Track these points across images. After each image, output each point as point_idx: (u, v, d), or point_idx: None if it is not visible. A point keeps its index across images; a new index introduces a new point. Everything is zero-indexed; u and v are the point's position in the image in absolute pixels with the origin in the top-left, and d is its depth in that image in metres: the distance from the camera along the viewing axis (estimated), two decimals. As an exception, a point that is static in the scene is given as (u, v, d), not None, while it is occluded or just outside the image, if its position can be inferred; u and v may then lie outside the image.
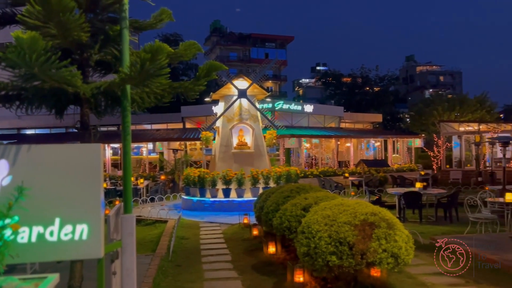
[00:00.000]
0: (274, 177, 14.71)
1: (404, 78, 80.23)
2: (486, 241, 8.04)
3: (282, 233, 6.57)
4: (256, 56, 57.01)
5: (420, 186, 12.89)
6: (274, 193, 8.04)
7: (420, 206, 11.61)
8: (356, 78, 52.45)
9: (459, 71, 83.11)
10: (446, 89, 71.93)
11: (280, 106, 28.29)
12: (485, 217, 9.40)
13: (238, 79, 15.95)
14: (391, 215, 5.22)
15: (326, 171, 24.05)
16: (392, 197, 13.98)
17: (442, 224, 11.02)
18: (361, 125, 36.54)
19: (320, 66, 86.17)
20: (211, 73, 4.21)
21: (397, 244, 4.82)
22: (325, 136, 27.04)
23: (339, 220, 5.06)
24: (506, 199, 9.94)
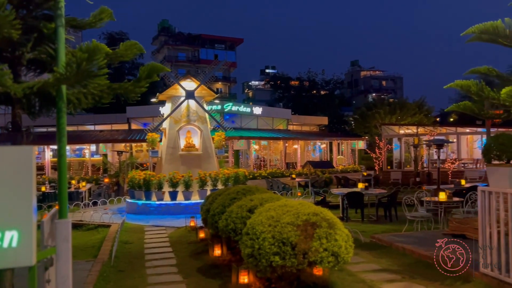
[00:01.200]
0: (222, 179, 14.68)
1: (349, 82, 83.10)
2: (421, 238, 8.51)
3: (228, 235, 6.58)
4: (206, 57, 56.67)
5: (362, 186, 13.39)
6: (221, 195, 8.03)
7: (362, 206, 12.07)
8: (303, 81, 53.71)
9: (400, 76, 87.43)
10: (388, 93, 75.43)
11: (229, 108, 28.32)
12: (421, 215, 9.93)
13: (186, 80, 15.78)
14: (332, 215, 5.38)
15: (274, 172, 24.37)
16: (336, 197, 14.42)
17: (382, 222, 11.49)
18: (308, 127, 37.42)
19: (269, 69, 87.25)
20: (153, 74, 4.13)
21: (338, 243, 4.98)
22: (274, 138, 27.40)
23: (282, 220, 5.15)
24: (439, 198, 10.60)
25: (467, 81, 5.03)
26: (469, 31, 5.03)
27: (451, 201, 10.43)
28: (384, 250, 7.88)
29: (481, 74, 5.38)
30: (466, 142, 27.09)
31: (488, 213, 5.63)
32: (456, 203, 10.56)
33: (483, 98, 4.96)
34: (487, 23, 4.94)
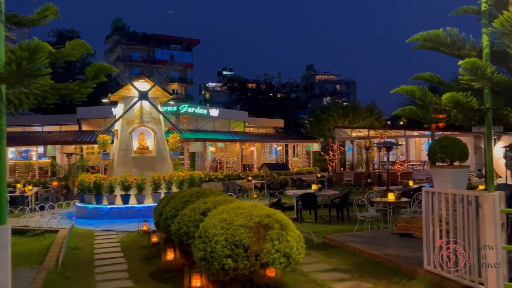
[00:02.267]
0: (177, 181, 14.47)
1: (305, 85, 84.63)
2: (371, 237, 8.80)
3: (180, 238, 6.49)
4: (161, 58, 55.71)
5: (315, 188, 13.66)
6: (174, 198, 7.91)
7: (316, 207, 12.31)
8: (260, 84, 54.11)
9: (353, 80, 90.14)
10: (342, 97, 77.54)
11: (185, 109, 27.98)
12: (371, 215, 10.26)
13: (139, 81, 15.42)
14: (285, 217, 5.45)
15: (230, 174, 24.32)
16: (291, 199, 14.61)
17: (335, 223, 11.78)
18: (265, 129, 37.69)
19: (227, 71, 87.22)
20: (100, 75, 3.99)
21: (289, 244, 5.05)
22: (230, 140, 27.37)
23: (235, 223, 5.15)
24: (388, 198, 11.01)
25: (411, 86, 5.26)
26: (413, 39, 5.26)
27: (399, 201, 10.86)
28: (335, 250, 8.07)
29: (425, 80, 5.65)
30: (415, 145, 28.35)
31: (431, 213, 5.91)
32: (403, 203, 11.01)
33: (426, 102, 5.21)
34: (430, 31, 5.19)
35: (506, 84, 4.69)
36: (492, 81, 4.62)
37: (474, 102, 4.57)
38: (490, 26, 4.76)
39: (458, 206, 5.40)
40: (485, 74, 4.48)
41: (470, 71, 4.53)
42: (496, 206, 4.81)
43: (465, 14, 5.40)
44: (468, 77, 4.69)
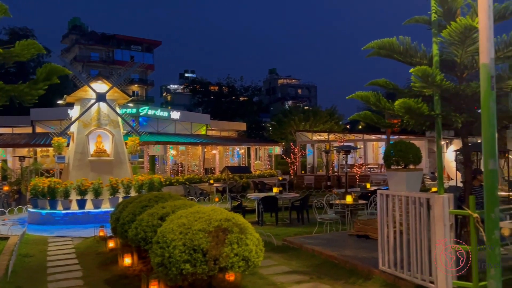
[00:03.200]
0: (136, 186, 14.16)
1: (268, 89, 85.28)
2: (330, 239, 8.97)
3: (138, 244, 6.35)
4: (121, 58, 54.40)
5: (277, 191, 13.79)
6: (132, 203, 7.74)
7: (277, 210, 12.42)
8: (223, 87, 54.01)
9: (314, 85, 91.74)
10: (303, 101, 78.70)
11: (145, 111, 27.47)
12: (329, 217, 10.47)
13: (97, 82, 14.99)
14: (244, 220, 5.46)
15: (192, 178, 24.08)
16: (252, 202, 14.67)
17: (295, 225, 11.91)
18: (227, 133, 37.65)
19: (189, 73, 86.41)
20: (52, 77, 3.85)
21: (248, 248, 5.06)
22: (192, 143, 27.11)
23: (194, 227, 5.10)
24: (346, 201, 11.29)
25: (366, 92, 5.43)
26: (369, 46, 5.43)
27: (356, 203, 11.16)
28: (295, 252, 8.17)
29: (380, 86, 5.84)
30: (372, 148, 29.21)
31: (385, 215, 6.11)
32: (361, 205, 11.32)
33: (381, 108, 5.39)
34: (384, 40, 5.38)
35: (454, 91, 4.93)
36: (441, 88, 4.85)
37: (424, 108, 4.78)
38: (439, 36, 5.00)
39: (410, 208, 5.60)
40: (435, 81, 4.69)
41: (421, 78, 4.74)
42: (445, 208, 5.04)
43: (417, 24, 5.63)
44: (419, 84, 4.89)
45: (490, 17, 3.98)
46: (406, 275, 5.71)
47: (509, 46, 4.80)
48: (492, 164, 4.07)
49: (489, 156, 4.06)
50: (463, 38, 4.57)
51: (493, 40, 4.69)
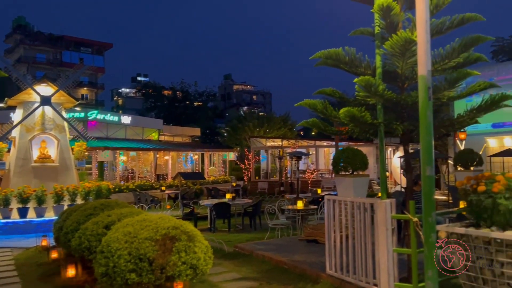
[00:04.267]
0: (82, 193, 13.61)
1: (223, 95, 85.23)
2: (280, 245, 9.06)
3: (82, 254, 6.11)
4: (69, 60, 52.31)
5: (229, 197, 13.75)
6: (76, 211, 7.44)
7: (229, 216, 12.38)
8: (176, 91, 53.31)
9: (269, 92, 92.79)
10: (258, 107, 79.34)
11: (94, 116, 26.56)
12: (281, 223, 10.59)
13: (42, 85, 14.31)
14: (193, 228, 5.40)
15: (143, 185, 23.51)
16: (205, 209, 14.54)
17: (248, 231, 11.93)
18: (181, 138, 37.16)
19: (141, 77, 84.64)
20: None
21: (196, 256, 5.01)
22: (143, 149, 26.50)
23: (140, 236, 4.98)
24: (297, 206, 11.46)
25: (314, 100, 5.56)
26: (316, 56, 5.57)
27: (307, 208, 11.36)
28: (246, 259, 8.17)
29: (327, 95, 6.00)
30: (324, 154, 29.92)
31: (332, 219, 6.26)
32: (312, 210, 11.54)
33: (327, 116, 5.54)
34: (331, 50, 5.54)
35: (395, 101, 5.16)
36: (383, 98, 5.06)
37: (367, 116, 4.97)
38: (382, 48, 5.22)
39: (355, 213, 5.78)
40: (377, 91, 4.89)
41: (365, 88, 4.92)
42: (387, 213, 5.25)
43: (362, 35, 5.85)
44: (363, 94, 5.08)
45: (427, 32, 4.21)
46: (352, 279, 5.87)
47: (445, 59, 5.10)
48: (429, 170, 4.29)
49: (427, 163, 4.27)
50: (404, 50, 4.80)
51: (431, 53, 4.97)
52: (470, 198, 4.57)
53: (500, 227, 4.28)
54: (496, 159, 20.30)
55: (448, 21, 5.19)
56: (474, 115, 5.06)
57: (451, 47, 4.98)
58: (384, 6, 4.77)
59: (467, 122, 5.23)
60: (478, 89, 5.17)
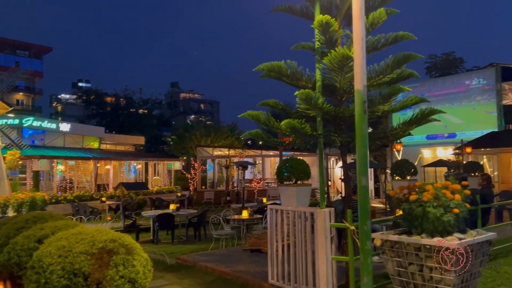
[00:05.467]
0: (15, 205, 12.78)
1: (169, 103, 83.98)
2: (224, 255, 9.01)
3: (11, 270, 5.71)
4: (4, 64, 49.10)
5: (173, 207, 13.51)
6: (6, 224, 6.95)
7: (173, 227, 12.16)
8: (120, 98, 51.79)
9: (217, 101, 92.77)
10: (206, 116, 78.98)
11: (30, 123, 25.11)
12: (225, 233, 10.55)
13: (-30, 89, 13.37)
14: (132, 240, 5.24)
15: (82, 195, 22.47)
16: (148, 220, 14.17)
17: (192, 242, 11.76)
18: (123, 147, 36.06)
19: (83, 83, 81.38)
20: None
21: (135, 269, 4.85)
22: (83, 158, 25.40)
23: (75, 250, 4.75)
24: (242, 216, 11.49)
25: (257, 112, 5.65)
26: (259, 68, 5.67)
27: (252, 218, 11.41)
28: (188, 270, 8.04)
29: (270, 106, 6.12)
30: (270, 163, 30.27)
31: (275, 229, 6.34)
32: (256, 220, 11.60)
33: (270, 127, 5.64)
34: (273, 63, 5.66)
35: (334, 113, 5.36)
36: (323, 110, 5.24)
37: (307, 128, 5.12)
38: (322, 63, 5.42)
39: (297, 222, 5.90)
40: (317, 104, 5.06)
41: (305, 101, 5.07)
42: (326, 221, 5.40)
43: (303, 50, 6.04)
44: (304, 106, 5.23)
45: (363, 48, 4.43)
46: (293, 287, 5.96)
47: (380, 75, 5.39)
48: (364, 180, 4.48)
49: (362, 173, 4.47)
50: (341, 65, 5.02)
51: (367, 69, 5.23)
52: (403, 207, 4.84)
53: (429, 234, 4.56)
54: (429, 169, 21.60)
55: (383, 38, 5.49)
56: (406, 128, 5.37)
57: (385, 64, 5.27)
58: (323, 23, 4.97)
59: (400, 135, 5.55)
60: (410, 104, 5.51)
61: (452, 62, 38.15)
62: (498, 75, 21.41)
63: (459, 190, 4.63)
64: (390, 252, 4.71)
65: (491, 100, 21.63)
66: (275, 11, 5.74)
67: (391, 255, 4.69)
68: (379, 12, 5.06)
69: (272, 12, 5.76)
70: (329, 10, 5.61)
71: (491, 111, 21.58)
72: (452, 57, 38.50)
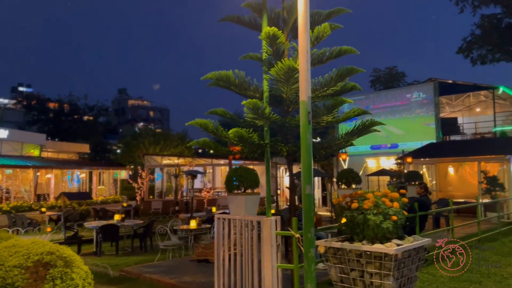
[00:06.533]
0: None
1: (116, 109, 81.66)
2: (171, 266, 8.84)
3: None
4: None
5: (118, 218, 13.09)
6: None
7: (117, 238, 11.76)
8: (64, 104, 49.56)
9: (167, 108, 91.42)
10: (155, 124, 77.46)
11: (-39, 128, 23.39)
12: (172, 244, 10.35)
13: None
14: (71, 252, 5.00)
15: (20, 206, 21.16)
16: (91, 231, 13.61)
17: (137, 254, 11.44)
18: (66, 155, 34.46)
19: (24, 87, 77.18)
20: None
21: (74, 282, 4.64)
22: (22, 166, 23.97)
23: (8, 264, 4.47)
24: (190, 226, 11.33)
25: (205, 120, 5.63)
26: (207, 77, 5.67)
27: (200, 228, 11.29)
28: (132, 283, 7.80)
29: (219, 115, 6.12)
30: (221, 172, 30.14)
31: (222, 238, 6.31)
32: (204, 229, 11.48)
33: (218, 136, 5.64)
34: (222, 72, 5.69)
35: (281, 123, 5.47)
36: (270, 120, 5.33)
37: (255, 137, 5.18)
38: (269, 73, 5.52)
39: (243, 231, 5.91)
40: (264, 113, 5.14)
41: (253, 110, 5.13)
42: (272, 230, 5.46)
43: (251, 60, 6.12)
44: (251, 115, 5.29)
45: (308, 61, 4.57)
46: (240, 296, 5.94)
47: (324, 87, 5.57)
48: (308, 189, 4.60)
49: (306, 182, 4.58)
50: (288, 77, 5.14)
51: (312, 81, 5.39)
52: (345, 214, 5.00)
53: (370, 240, 4.74)
54: (373, 178, 22.50)
55: (328, 52, 5.70)
56: (348, 138, 5.58)
57: (329, 76, 5.46)
58: (271, 34, 5.07)
59: (343, 145, 5.75)
60: (353, 115, 5.73)
61: (394, 76, 40.19)
62: (436, 89, 22.81)
63: (397, 198, 4.85)
64: (333, 259, 4.83)
65: (430, 113, 22.96)
66: (224, 20, 5.79)
67: (334, 262, 4.81)
68: (323, 27, 5.24)
69: (221, 21, 5.80)
70: (276, 22, 5.74)
71: (430, 123, 22.90)
72: (394, 72, 40.55)
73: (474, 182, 17.71)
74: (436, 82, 23.19)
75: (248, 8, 5.67)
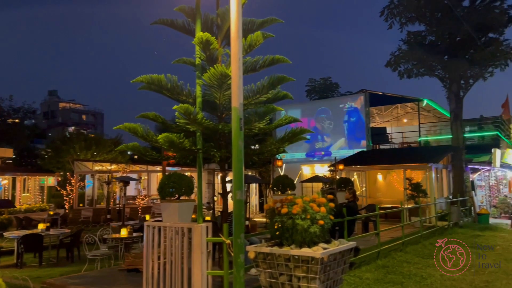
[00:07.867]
0: None
1: (46, 112, 77.07)
2: (98, 277, 8.43)
3: None
4: None
5: (43, 227, 12.29)
6: None
7: (41, 249, 11.06)
8: (-16, 106, 45.80)
9: (101, 112, 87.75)
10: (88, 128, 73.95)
11: None
12: (101, 253, 9.89)
13: None
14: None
15: None
16: (13, 242, 12.64)
17: (63, 265, 10.83)
18: (-13, 160, 31.81)
19: None
20: None
21: (-16, 298, 4.28)
22: None
23: None
24: (121, 234, 10.92)
25: (135, 124, 5.47)
26: (138, 80, 5.53)
27: (130, 236, 10.90)
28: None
29: (150, 119, 5.97)
30: (157, 179, 29.37)
31: (151, 246, 6.14)
32: (136, 238, 11.10)
33: (148, 141, 5.50)
34: (153, 75, 5.57)
35: (213, 129, 5.46)
36: (202, 126, 5.29)
37: (186, 143, 5.11)
38: (202, 79, 5.49)
39: (174, 238, 5.80)
40: (196, 119, 5.09)
41: (184, 115, 5.07)
42: (203, 236, 5.41)
43: (185, 64, 6.06)
44: (183, 121, 5.23)
45: (240, 68, 4.61)
46: (169, 306, 5.81)
47: (257, 94, 5.65)
48: (239, 194, 4.62)
49: (237, 187, 4.60)
50: (220, 83, 5.15)
51: (245, 88, 5.44)
52: (275, 219, 5.08)
53: (298, 245, 4.84)
54: (307, 184, 23.12)
55: (261, 60, 5.80)
56: (279, 145, 5.69)
57: (262, 84, 5.56)
58: (204, 40, 5.06)
59: (275, 151, 5.85)
60: (284, 123, 5.86)
61: (329, 87, 41.76)
62: (367, 100, 24.03)
63: (325, 203, 5.01)
64: (263, 264, 4.88)
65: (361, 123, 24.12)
66: (156, 24, 5.68)
67: (264, 267, 4.86)
68: (256, 35, 5.33)
69: (154, 24, 5.69)
70: (210, 28, 5.74)
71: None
72: (329, 82, 42.15)
73: (401, 188, 18.81)
74: (367, 93, 24.43)
75: (182, 12, 5.62)
